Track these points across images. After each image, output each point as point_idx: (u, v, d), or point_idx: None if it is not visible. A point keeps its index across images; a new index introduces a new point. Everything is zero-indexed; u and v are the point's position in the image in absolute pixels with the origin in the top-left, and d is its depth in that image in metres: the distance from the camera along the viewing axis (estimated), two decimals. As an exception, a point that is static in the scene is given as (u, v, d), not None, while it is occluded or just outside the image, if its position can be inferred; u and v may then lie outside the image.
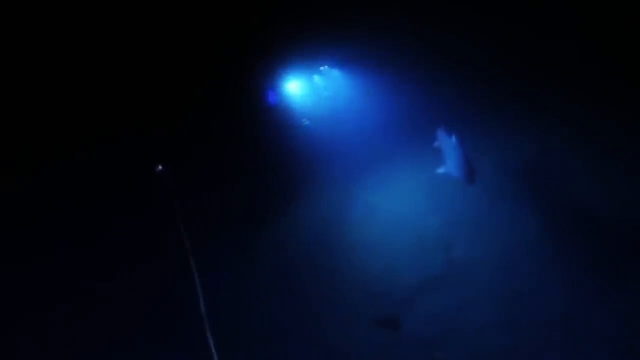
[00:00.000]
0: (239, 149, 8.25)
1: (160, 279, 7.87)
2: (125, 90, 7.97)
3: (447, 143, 7.38)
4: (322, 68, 8.30)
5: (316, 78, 8.35)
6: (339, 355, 7.73)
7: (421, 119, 8.03)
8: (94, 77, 7.99)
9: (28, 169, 7.92)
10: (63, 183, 8.09)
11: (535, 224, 7.79)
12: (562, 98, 7.92)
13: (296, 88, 8.31)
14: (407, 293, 7.90)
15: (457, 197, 7.89)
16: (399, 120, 8.24)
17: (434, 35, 8.07)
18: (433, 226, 8.04)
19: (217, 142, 8.19)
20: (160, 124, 7.97)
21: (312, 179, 8.41)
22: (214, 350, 6.39)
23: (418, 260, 7.99)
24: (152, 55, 7.83)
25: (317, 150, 8.34)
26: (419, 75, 8.17)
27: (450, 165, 7.36)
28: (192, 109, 8.10)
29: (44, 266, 7.79)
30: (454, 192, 7.84)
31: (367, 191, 8.34)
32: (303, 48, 8.11)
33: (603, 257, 7.49)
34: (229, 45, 7.92)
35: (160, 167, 6.83)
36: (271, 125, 8.29)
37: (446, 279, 7.86)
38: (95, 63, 7.95)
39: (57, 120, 8.00)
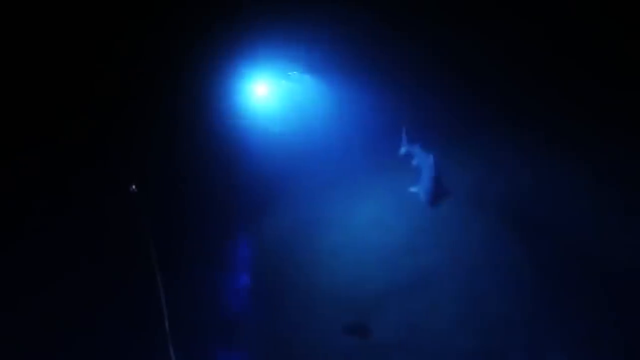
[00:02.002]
0: (204, 157, 8.11)
1: (125, 289, 7.80)
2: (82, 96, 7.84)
3: (425, 162, 7.43)
4: (291, 73, 8.14)
5: (287, 83, 8.19)
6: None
7: (394, 127, 8.02)
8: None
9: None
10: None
11: (500, 227, 7.87)
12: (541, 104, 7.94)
13: (265, 93, 8.16)
14: (375, 299, 7.89)
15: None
16: (371, 129, 8.21)
17: (416, 42, 8.03)
18: (400, 232, 8.05)
19: (181, 148, 8.04)
20: (124, 131, 7.86)
21: (279, 187, 8.35)
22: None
23: (385, 267, 7.99)
24: (119, 59, 7.70)
25: (285, 158, 8.27)
26: (394, 82, 8.11)
27: (421, 185, 7.47)
28: (158, 115, 7.95)
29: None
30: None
31: (334, 199, 8.31)
32: (274, 51, 7.99)
33: (568, 259, 7.63)
34: (195, 49, 7.78)
35: (134, 187, 6.73)
36: (239, 131, 8.16)
37: (413, 285, 7.87)
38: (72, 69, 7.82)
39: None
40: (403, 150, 7.74)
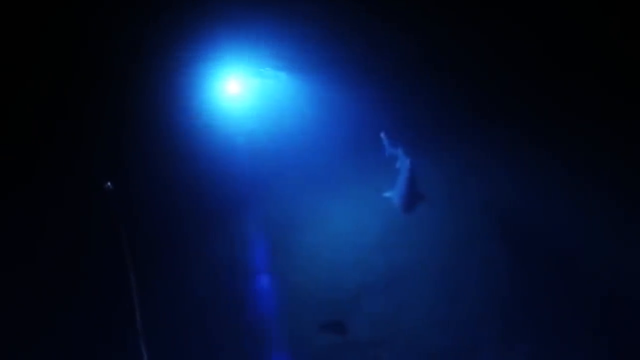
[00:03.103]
0: (172, 159, 7.85)
1: (98, 290, 7.75)
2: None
3: (404, 165, 7.34)
4: (264, 70, 7.78)
5: (261, 81, 7.83)
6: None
7: (374, 127, 7.80)
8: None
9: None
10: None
11: (476, 226, 7.94)
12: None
13: (238, 92, 7.81)
14: (350, 298, 7.99)
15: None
16: (350, 129, 8.00)
17: (402, 40, 7.68)
18: (376, 232, 8.07)
19: (150, 149, 7.80)
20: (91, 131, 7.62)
21: (253, 187, 8.21)
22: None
23: (359, 265, 8.04)
24: (77, 55, 7.37)
25: (259, 159, 8.07)
26: (376, 81, 7.87)
27: (397, 189, 7.42)
28: (123, 115, 7.67)
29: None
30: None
31: (309, 199, 8.22)
32: (247, 46, 7.62)
33: (543, 257, 7.74)
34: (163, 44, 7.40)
35: (109, 184, 6.57)
36: (210, 132, 7.89)
37: (387, 283, 7.98)
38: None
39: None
40: (387, 153, 7.59)
